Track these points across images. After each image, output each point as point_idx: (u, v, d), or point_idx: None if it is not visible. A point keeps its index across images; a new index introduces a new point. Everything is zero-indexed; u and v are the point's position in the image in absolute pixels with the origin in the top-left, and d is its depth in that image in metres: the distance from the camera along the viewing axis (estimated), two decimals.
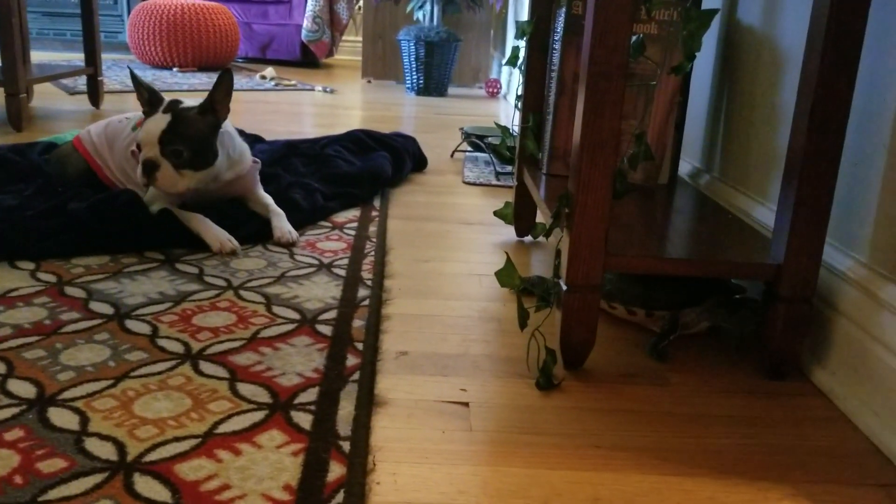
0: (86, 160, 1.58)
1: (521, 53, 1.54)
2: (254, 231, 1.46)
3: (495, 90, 4.29)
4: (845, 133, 0.92)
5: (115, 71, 4.22)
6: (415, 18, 4.32)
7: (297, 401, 0.87)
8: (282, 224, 1.47)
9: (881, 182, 0.94)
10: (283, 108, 3.21)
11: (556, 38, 1.37)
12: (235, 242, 1.38)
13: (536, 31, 1.47)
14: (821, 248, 0.96)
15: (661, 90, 1.34)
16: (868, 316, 0.92)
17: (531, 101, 1.50)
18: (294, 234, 1.46)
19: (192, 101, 1.46)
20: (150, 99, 1.41)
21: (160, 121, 1.37)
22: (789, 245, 0.96)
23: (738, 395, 0.97)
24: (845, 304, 0.97)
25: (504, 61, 3.10)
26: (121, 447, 0.76)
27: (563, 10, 1.32)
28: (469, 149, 2.48)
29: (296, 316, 1.11)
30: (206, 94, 1.42)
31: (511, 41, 4.23)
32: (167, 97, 1.44)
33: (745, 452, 0.84)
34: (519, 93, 1.54)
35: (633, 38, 1.12)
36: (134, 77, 1.44)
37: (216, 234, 1.38)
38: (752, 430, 0.89)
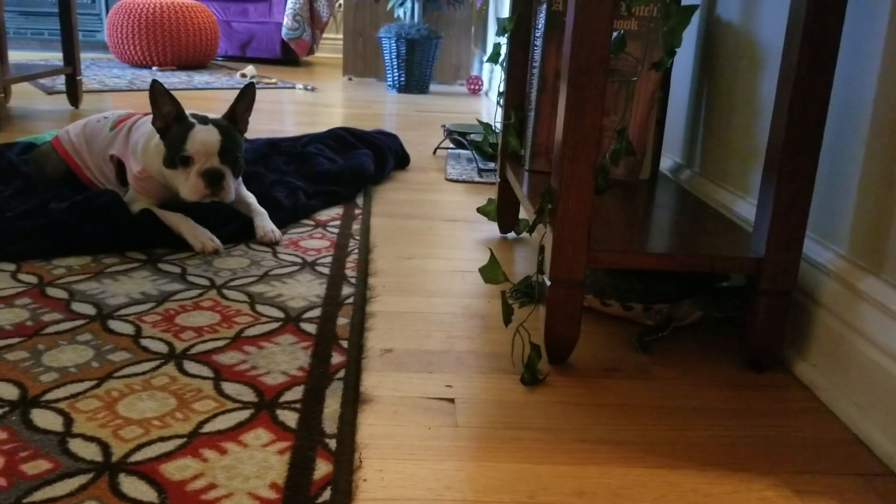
0: (65, 160, 1.56)
1: (503, 50, 1.54)
2: (236, 230, 1.45)
3: (477, 87, 4.29)
4: (824, 127, 0.93)
5: (94, 70, 4.18)
6: (395, 16, 4.31)
7: (282, 399, 0.87)
8: (264, 223, 1.47)
9: (859, 175, 0.95)
10: (264, 107, 3.20)
11: (537, 34, 1.38)
12: (218, 242, 1.38)
13: (518, 28, 1.47)
14: (801, 242, 0.97)
15: (642, 86, 1.34)
16: (848, 308, 0.93)
17: (513, 98, 1.51)
18: (277, 232, 1.45)
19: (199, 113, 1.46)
20: (177, 113, 1.39)
21: (212, 132, 1.37)
22: (770, 239, 0.97)
23: (720, 388, 0.98)
24: (825, 296, 0.98)
25: (486, 58, 3.10)
26: (105, 448, 0.76)
27: (544, 6, 1.33)
28: (451, 146, 2.48)
29: (280, 314, 1.11)
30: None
31: (492, 38, 4.23)
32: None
33: (728, 444, 0.85)
34: (501, 90, 1.54)
35: (614, 34, 1.13)
36: (161, 89, 1.37)
37: (198, 234, 1.38)
38: (735, 422, 0.90)
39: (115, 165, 1.50)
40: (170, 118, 1.38)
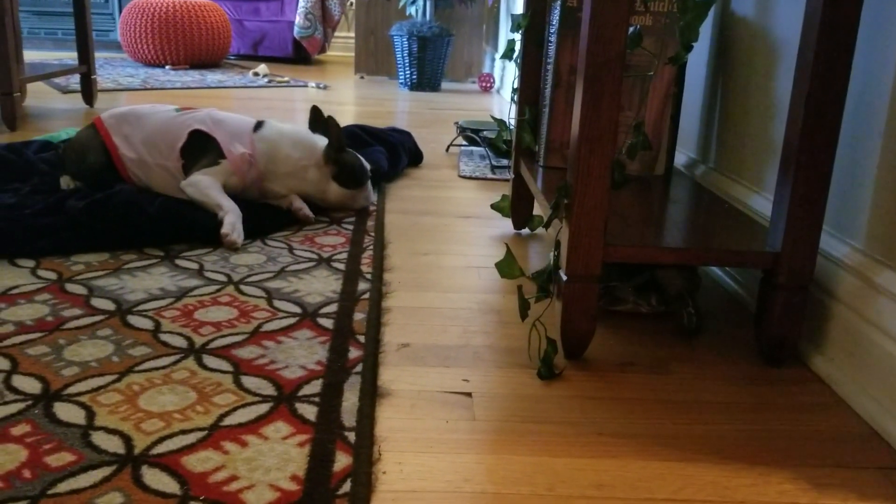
0: (108, 151, 1.56)
1: (517, 46, 1.54)
2: (252, 227, 1.46)
3: (488, 84, 4.29)
4: (841, 121, 0.93)
5: (108, 69, 4.21)
6: (407, 14, 4.32)
7: (301, 393, 0.88)
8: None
9: (876, 169, 0.94)
10: (276, 105, 3.21)
11: (551, 30, 1.38)
12: (241, 239, 1.39)
13: (532, 25, 1.47)
14: (818, 236, 0.97)
15: (657, 81, 1.34)
16: (865, 302, 0.93)
17: (527, 94, 1.51)
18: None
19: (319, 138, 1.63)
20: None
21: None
22: (786, 233, 0.96)
23: (737, 383, 0.98)
24: (842, 290, 0.98)
25: (500, 55, 3.08)
26: (128, 440, 0.77)
27: (558, 2, 1.33)
28: (464, 143, 2.49)
29: (297, 310, 1.12)
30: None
31: (504, 35, 4.23)
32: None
33: (746, 438, 0.85)
34: (515, 86, 1.54)
35: (630, 29, 1.13)
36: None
37: (236, 224, 1.41)
38: (752, 417, 0.90)
39: (187, 139, 1.53)
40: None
